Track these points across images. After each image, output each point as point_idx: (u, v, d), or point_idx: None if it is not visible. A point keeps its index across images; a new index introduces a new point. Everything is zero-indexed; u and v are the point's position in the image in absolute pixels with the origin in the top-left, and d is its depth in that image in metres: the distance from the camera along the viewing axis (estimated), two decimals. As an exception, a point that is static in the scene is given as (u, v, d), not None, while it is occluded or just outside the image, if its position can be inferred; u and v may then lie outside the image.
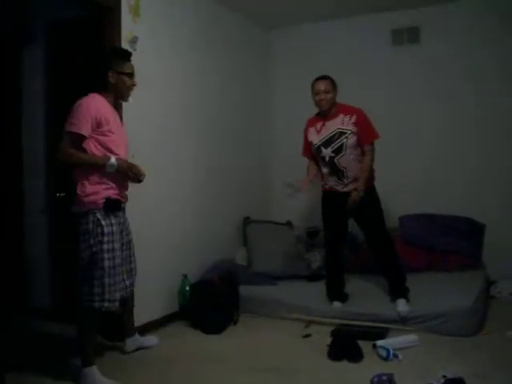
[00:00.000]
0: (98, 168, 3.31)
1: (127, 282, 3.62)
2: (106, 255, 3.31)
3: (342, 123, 4.41)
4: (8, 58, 4.93)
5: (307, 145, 4.63)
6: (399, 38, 5.92)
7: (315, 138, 4.51)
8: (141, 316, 4.24)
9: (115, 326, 4.05)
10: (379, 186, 4.82)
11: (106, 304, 3.33)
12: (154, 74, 4.44)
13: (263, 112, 6.54)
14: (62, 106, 4.57)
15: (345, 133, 4.38)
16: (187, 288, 4.76)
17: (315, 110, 6.31)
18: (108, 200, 3.35)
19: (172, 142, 4.23)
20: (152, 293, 4.41)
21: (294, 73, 6.52)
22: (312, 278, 5.29)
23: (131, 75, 3.53)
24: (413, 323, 4.25)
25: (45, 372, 3.57)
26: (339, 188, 4.49)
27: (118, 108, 3.75)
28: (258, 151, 6.40)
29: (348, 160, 4.40)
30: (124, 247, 3.58)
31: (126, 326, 3.99)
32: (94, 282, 3.31)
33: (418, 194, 5.33)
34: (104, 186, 3.35)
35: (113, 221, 3.38)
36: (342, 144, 4.38)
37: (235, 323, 4.63)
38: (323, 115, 4.52)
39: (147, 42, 4.41)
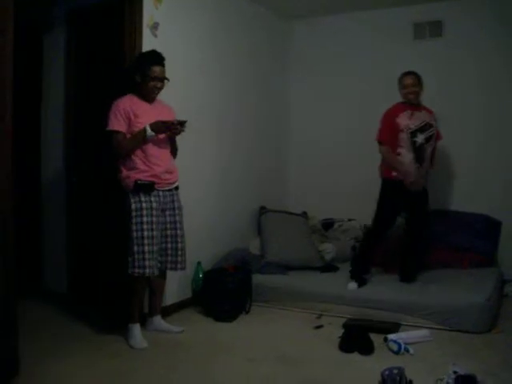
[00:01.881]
0: (142, 142, 3.78)
1: (170, 258, 4.05)
2: (133, 227, 3.78)
3: (429, 117, 4.64)
4: (30, 45, 4.93)
5: (391, 130, 4.61)
6: (421, 31, 5.87)
7: (410, 123, 4.58)
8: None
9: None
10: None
11: (136, 270, 3.78)
12: (174, 61, 4.44)
13: (280, 104, 6.51)
14: (81, 93, 4.64)
15: (432, 125, 4.66)
16: (201, 275, 4.78)
17: (332, 103, 6.33)
18: (136, 183, 3.79)
19: (192, 130, 4.21)
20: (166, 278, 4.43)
21: (314, 65, 6.49)
22: (325, 269, 5.30)
23: (155, 79, 3.83)
24: (426, 318, 4.24)
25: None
26: (418, 177, 4.58)
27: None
28: (274, 142, 6.39)
29: (430, 150, 4.67)
30: (169, 226, 4.02)
31: (153, 303, 4.19)
32: (128, 252, 3.82)
33: (433, 191, 5.29)
34: (134, 171, 3.80)
35: (142, 199, 3.80)
36: (433, 134, 4.65)
37: (247, 312, 4.65)
38: (410, 105, 4.63)
39: (168, 29, 4.41)
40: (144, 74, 3.81)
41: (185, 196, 4.22)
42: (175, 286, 4.63)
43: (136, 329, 3.90)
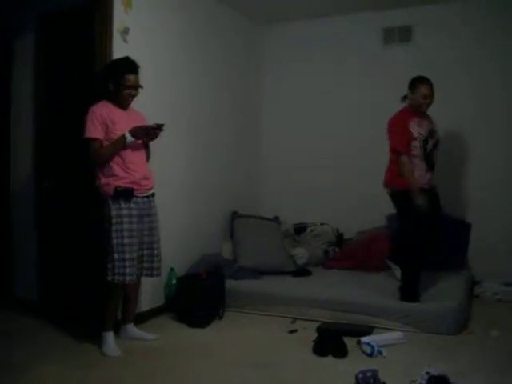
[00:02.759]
0: (121, 148, 3.77)
1: (145, 265, 4.02)
2: (113, 234, 3.75)
3: (431, 123, 4.58)
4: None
5: (406, 137, 4.45)
6: (391, 36, 5.95)
7: (421, 130, 4.48)
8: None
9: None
10: (372, 185, 4.87)
11: (117, 277, 3.75)
12: (145, 66, 4.41)
13: (253, 107, 6.54)
14: (52, 97, 4.59)
15: (436, 132, 4.59)
16: (174, 281, 4.76)
17: (305, 107, 6.38)
18: (116, 189, 3.76)
19: (162, 135, 4.19)
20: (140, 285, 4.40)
21: (286, 69, 6.54)
22: (297, 273, 5.31)
23: (130, 87, 3.83)
24: (399, 321, 4.28)
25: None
26: (426, 181, 4.51)
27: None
28: (248, 146, 6.41)
29: (436, 156, 4.60)
30: (146, 232, 3.98)
31: (127, 311, 4.15)
32: (107, 259, 3.78)
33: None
34: (113, 178, 3.78)
35: (122, 205, 3.79)
36: (439, 140, 4.59)
37: (221, 317, 4.64)
38: (417, 112, 4.52)
39: (139, 34, 4.39)
40: (118, 82, 3.80)
41: (157, 201, 4.19)
42: (148, 293, 4.60)
43: (109, 337, 3.87)
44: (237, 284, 4.94)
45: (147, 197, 3.98)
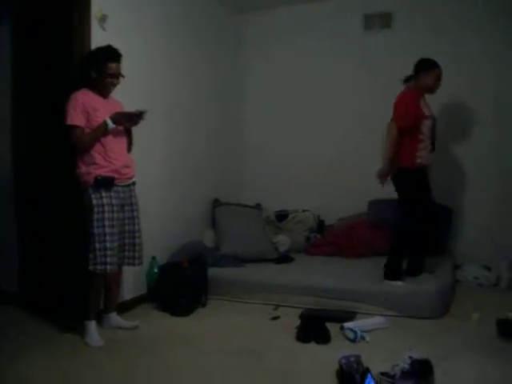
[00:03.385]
0: (103, 134, 3.75)
1: (127, 254, 4.01)
2: (95, 224, 3.73)
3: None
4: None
5: (412, 116, 4.42)
6: (371, 23, 5.95)
7: (428, 111, 4.56)
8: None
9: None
10: (353, 171, 4.85)
11: (98, 267, 3.75)
12: (123, 53, 4.37)
13: (234, 95, 6.52)
14: (28, 86, 4.52)
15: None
16: (156, 270, 4.74)
17: (286, 94, 6.36)
18: (97, 178, 3.74)
19: (144, 122, 4.15)
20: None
21: (267, 56, 6.53)
22: (280, 260, 5.32)
23: (112, 75, 3.81)
24: (381, 306, 4.30)
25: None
26: (430, 162, 4.58)
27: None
28: (229, 133, 6.38)
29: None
30: (126, 221, 3.97)
31: (109, 300, 4.13)
32: (89, 248, 3.77)
33: (388, 179, 5.34)
34: (94, 167, 3.75)
35: (103, 194, 3.76)
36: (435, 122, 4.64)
37: (204, 305, 4.63)
38: (421, 93, 4.57)
39: (116, 21, 4.32)
40: (100, 70, 3.77)
41: (137, 189, 4.16)
42: (130, 282, 4.57)
43: (92, 326, 3.84)
44: (219, 272, 4.93)
45: (128, 186, 3.96)
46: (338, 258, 5.34)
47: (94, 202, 3.73)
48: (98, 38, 4.04)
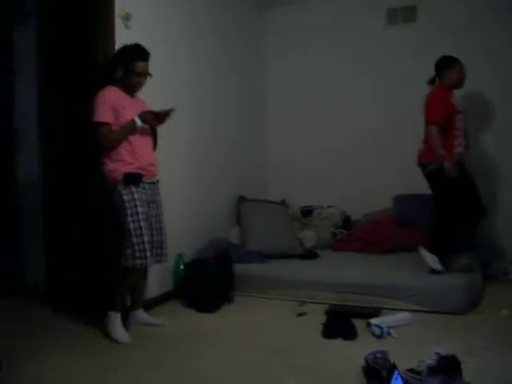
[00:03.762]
0: (130, 132, 3.75)
1: (156, 251, 3.98)
2: (129, 218, 3.73)
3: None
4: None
5: (444, 111, 4.45)
6: (394, 17, 5.89)
7: (456, 104, 4.57)
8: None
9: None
10: (378, 166, 4.79)
11: (138, 261, 3.75)
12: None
13: (259, 92, 6.51)
14: (54, 86, 4.55)
15: None
16: (181, 267, 4.77)
17: (309, 88, 6.34)
18: (126, 175, 3.74)
19: (172, 120, 4.18)
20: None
21: (289, 52, 6.48)
22: (305, 256, 5.30)
23: (139, 74, 3.81)
24: (406, 300, 4.29)
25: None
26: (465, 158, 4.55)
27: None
28: (253, 131, 6.38)
29: None
30: (154, 219, 3.97)
31: (135, 298, 4.14)
32: (125, 244, 3.75)
33: (412, 175, 5.32)
34: (121, 164, 3.76)
35: (133, 190, 3.76)
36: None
37: (230, 302, 4.65)
38: (449, 90, 4.58)
39: (140, 20, 4.35)
40: (127, 68, 3.77)
41: (162, 188, 4.18)
42: (156, 279, 4.59)
43: (117, 319, 3.85)
44: (245, 268, 4.94)
45: (153, 183, 3.97)
46: (364, 254, 5.32)
47: (125, 197, 3.73)
48: (122, 37, 4.06)
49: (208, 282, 4.50)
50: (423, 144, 4.64)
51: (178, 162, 4.93)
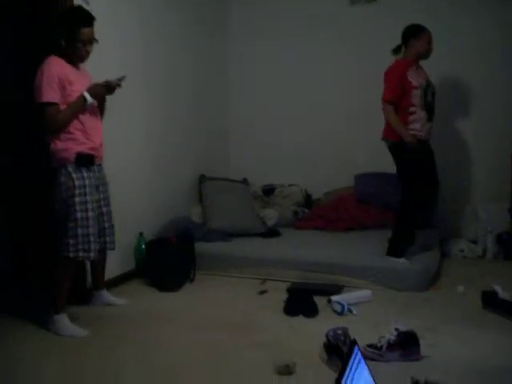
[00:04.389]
0: (81, 110, 3.46)
1: (108, 238, 3.82)
2: (78, 207, 3.46)
3: (426, 73, 4.53)
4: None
5: (399, 88, 4.36)
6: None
7: (421, 80, 4.42)
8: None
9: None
10: (340, 144, 4.80)
11: (81, 254, 3.50)
12: (106, 27, 4.31)
13: (219, 70, 6.44)
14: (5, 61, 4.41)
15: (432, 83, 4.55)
16: (143, 246, 4.74)
17: (272, 69, 6.29)
18: (79, 155, 3.47)
19: (126, 96, 4.10)
20: (108, 251, 4.34)
21: (251, 31, 6.41)
22: (267, 234, 5.32)
23: (85, 42, 3.47)
24: (367, 279, 4.35)
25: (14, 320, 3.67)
26: (428, 135, 4.51)
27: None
28: (214, 108, 6.33)
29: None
30: (103, 203, 3.74)
31: (96, 279, 4.05)
32: (68, 233, 3.47)
33: (374, 153, 5.37)
34: (74, 142, 3.47)
35: (85, 174, 3.50)
36: (435, 91, 4.54)
37: (192, 281, 4.64)
38: (414, 63, 4.47)
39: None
40: (73, 37, 3.41)
41: (120, 166, 4.15)
42: (118, 258, 4.55)
43: (64, 319, 3.54)
44: (207, 247, 4.94)
45: (100, 165, 3.72)
46: (326, 232, 5.36)
47: (76, 182, 3.45)
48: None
49: (169, 261, 4.48)
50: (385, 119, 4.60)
51: (137, 139, 4.87)
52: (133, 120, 4.78)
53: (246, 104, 6.51)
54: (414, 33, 4.47)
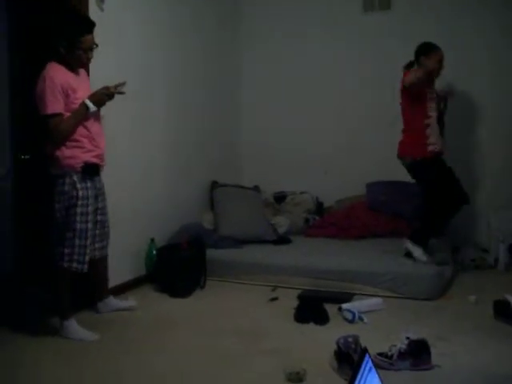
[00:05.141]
0: (84, 118, 3.40)
1: (97, 245, 3.73)
2: (78, 218, 3.43)
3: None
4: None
5: (415, 97, 4.46)
6: (370, 3, 5.89)
7: (433, 93, 4.56)
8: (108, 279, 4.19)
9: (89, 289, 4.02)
10: (352, 153, 4.81)
11: (75, 265, 3.46)
12: (121, 35, 4.34)
13: (233, 78, 6.46)
14: (26, 71, 4.42)
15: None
16: (154, 252, 4.75)
17: (285, 77, 6.29)
18: (86, 165, 3.44)
19: (140, 105, 4.14)
20: (119, 256, 4.34)
21: (265, 39, 6.43)
22: (278, 242, 5.32)
23: (86, 50, 3.43)
24: (378, 287, 4.34)
25: (22, 329, 3.64)
26: (442, 147, 4.56)
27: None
28: (227, 116, 6.35)
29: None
30: (99, 212, 3.68)
31: (98, 289, 4.00)
32: (65, 243, 3.45)
33: (385, 162, 5.36)
34: (81, 150, 3.43)
35: (88, 185, 3.48)
36: (446, 103, 4.70)
37: (202, 287, 4.65)
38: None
39: (115, 2, 4.29)
40: (73, 45, 3.36)
41: (132, 172, 4.16)
42: (129, 263, 4.59)
43: (73, 324, 3.55)
44: (218, 253, 4.94)
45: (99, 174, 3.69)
46: (337, 240, 5.35)
47: (81, 193, 3.42)
48: (96, 19, 3.98)
49: (180, 267, 4.48)
50: (402, 133, 4.63)
51: (150, 144, 4.89)
52: (146, 125, 4.81)
53: (258, 112, 6.52)
54: (425, 51, 4.50)
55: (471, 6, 5.51)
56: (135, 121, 4.42)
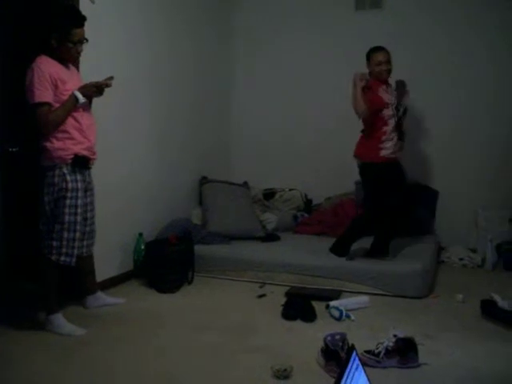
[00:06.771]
0: (73, 109, 3.39)
1: (86, 242, 3.74)
2: (67, 210, 3.41)
3: (395, 93, 4.54)
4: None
5: (373, 103, 4.41)
6: (362, 2, 5.89)
7: (389, 97, 4.47)
8: (96, 274, 4.15)
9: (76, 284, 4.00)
10: (341, 151, 4.84)
11: (63, 258, 3.45)
12: (109, 29, 4.30)
13: (222, 74, 6.42)
14: (14, 62, 4.39)
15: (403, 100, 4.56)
16: (142, 247, 4.73)
17: (275, 72, 6.28)
18: (76, 157, 3.43)
19: (128, 98, 4.10)
20: (107, 251, 4.33)
21: (256, 38, 6.41)
22: (266, 238, 5.32)
23: (78, 43, 3.43)
24: (365, 283, 4.35)
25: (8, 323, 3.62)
26: (398, 154, 4.54)
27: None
28: (216, 111, 6.33)
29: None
30: (88, 207, 3.68)
31: (86, 284, 3.98)
32: (53, 235, 3.44)
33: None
34: (72, 142, 3.42)
35: (78, 177, 3.46)
36: (407, 108, 4.58)
37: (190, 282, 4.63)
38: (382, 82, 4.51)
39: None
40: (64, 37, 3.36)
41: (121, 167, 4.13)
42: (116, 258, 4.57)
43: (59, 318, 3.54)
44: (206, 249, 4.93)
45: (89, 167, 3.65)
46: (325, 237, 5.34)
47: (70, 185, 3.41)
48: (87, 12, 3.95)
49: (168, 262, 4.47)
50: (360, 133, 4.67)
51: (138, 140, 4.86)
52: (134, 121, 4.78)
53: (247, 109, 6.50)
54: (367, 56, 4.54)
55: (462, 4, 5.51)
56: (124, 116, 4.37)
